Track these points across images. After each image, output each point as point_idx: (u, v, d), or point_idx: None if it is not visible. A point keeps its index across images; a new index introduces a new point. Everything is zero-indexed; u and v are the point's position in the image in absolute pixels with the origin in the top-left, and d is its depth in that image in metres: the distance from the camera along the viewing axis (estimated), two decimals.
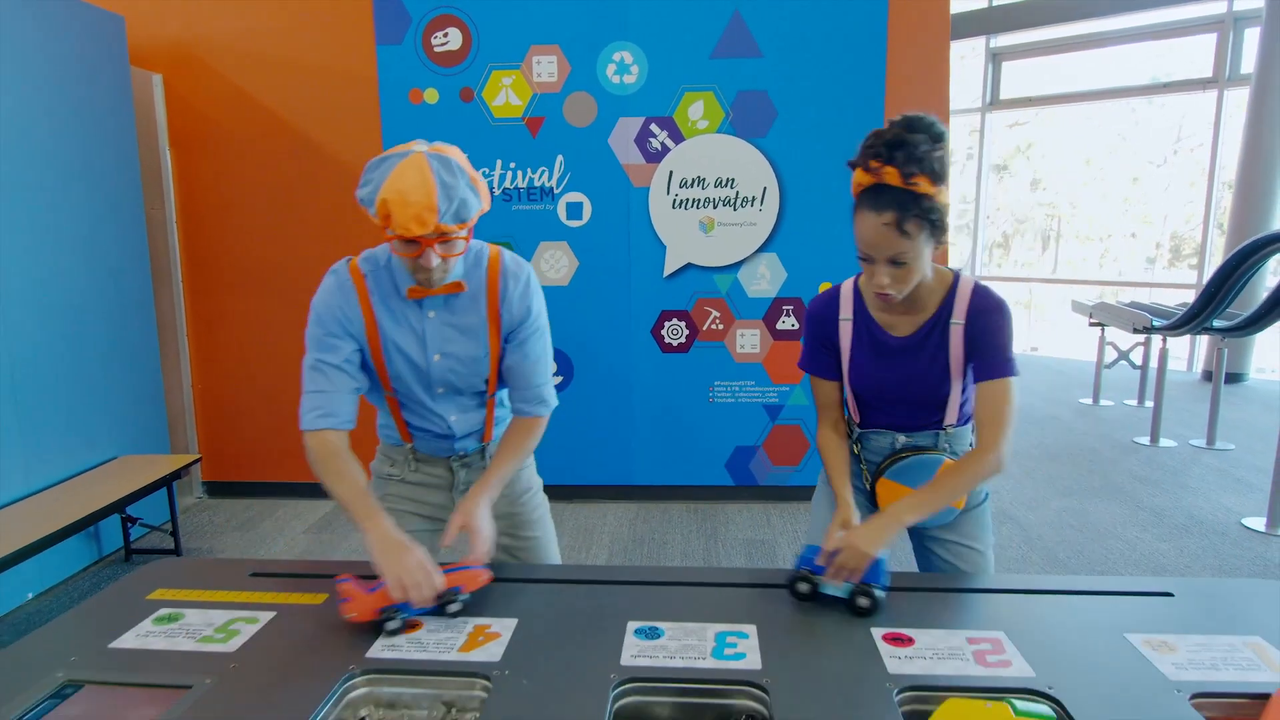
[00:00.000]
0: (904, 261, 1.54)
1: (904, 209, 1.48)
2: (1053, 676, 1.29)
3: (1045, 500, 4.49)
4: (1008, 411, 1.63)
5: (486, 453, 1.91)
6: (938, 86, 4.14)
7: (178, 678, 1.33)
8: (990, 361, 1.64)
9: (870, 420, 1.83)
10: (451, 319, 1.72)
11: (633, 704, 1.31)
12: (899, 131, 1.49)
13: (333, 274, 1.70)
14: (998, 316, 1.64)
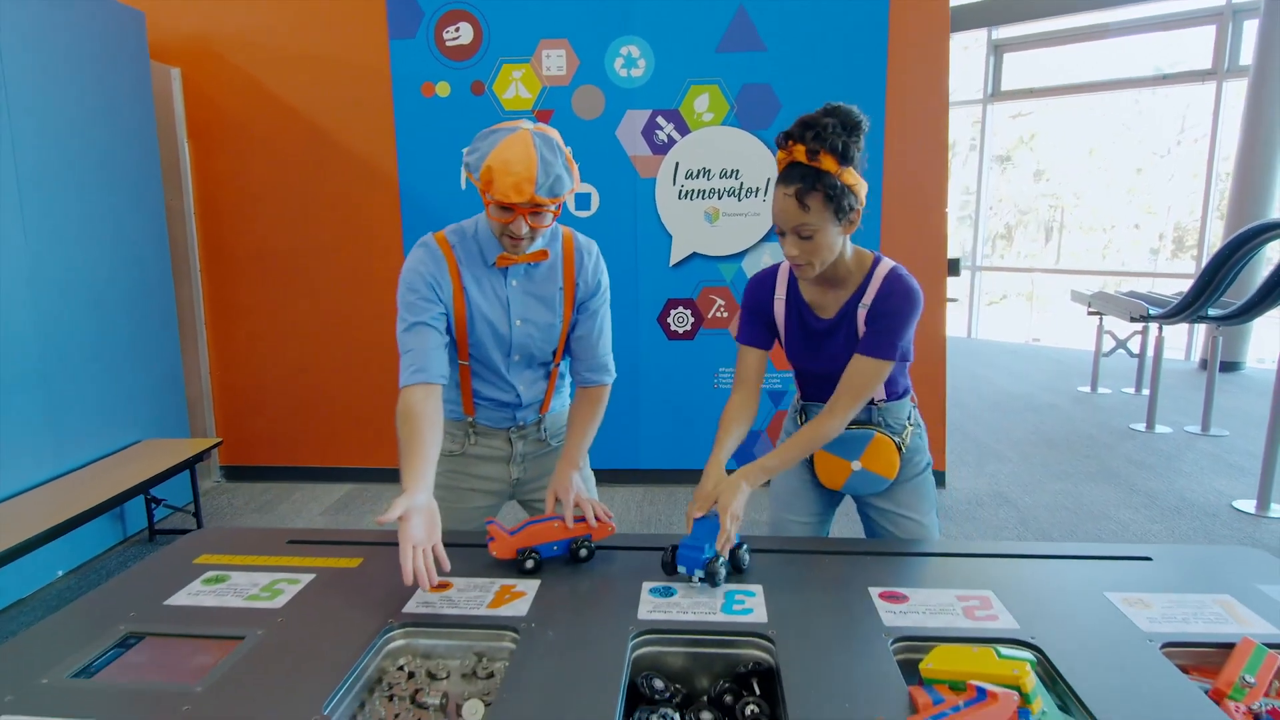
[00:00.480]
0: (809, 234, 1.64)
1: (807, 183, 1.59)
2: (1035, 628, 1.41)
3: (1041, 484, 4.60)
4: (865, 388, 1.76)
5: (543, 425, 2.04)
6: (937, 78, 4.23)
7: (230, 630, 1.45)
8: (873, 340, 1.74)
9: (809, 394, 1.96)
10: (531, 288, 1.85)
11: (650, 654, 1.42)
12: (816, 115, 1.61)
13: (422, 246, 1.81)
14: (902, 303, 1.72)
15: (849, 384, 1.76)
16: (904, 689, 1.23)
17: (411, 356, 1.75)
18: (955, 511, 4.19)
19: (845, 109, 1.62)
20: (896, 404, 1.92)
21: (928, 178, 4.30)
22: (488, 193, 1.63)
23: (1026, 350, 9.35)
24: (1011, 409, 6.41)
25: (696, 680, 1.43)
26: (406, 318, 1.77)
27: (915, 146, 4.25)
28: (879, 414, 1.90)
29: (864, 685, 1.25)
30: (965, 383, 7.34)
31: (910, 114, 4.22)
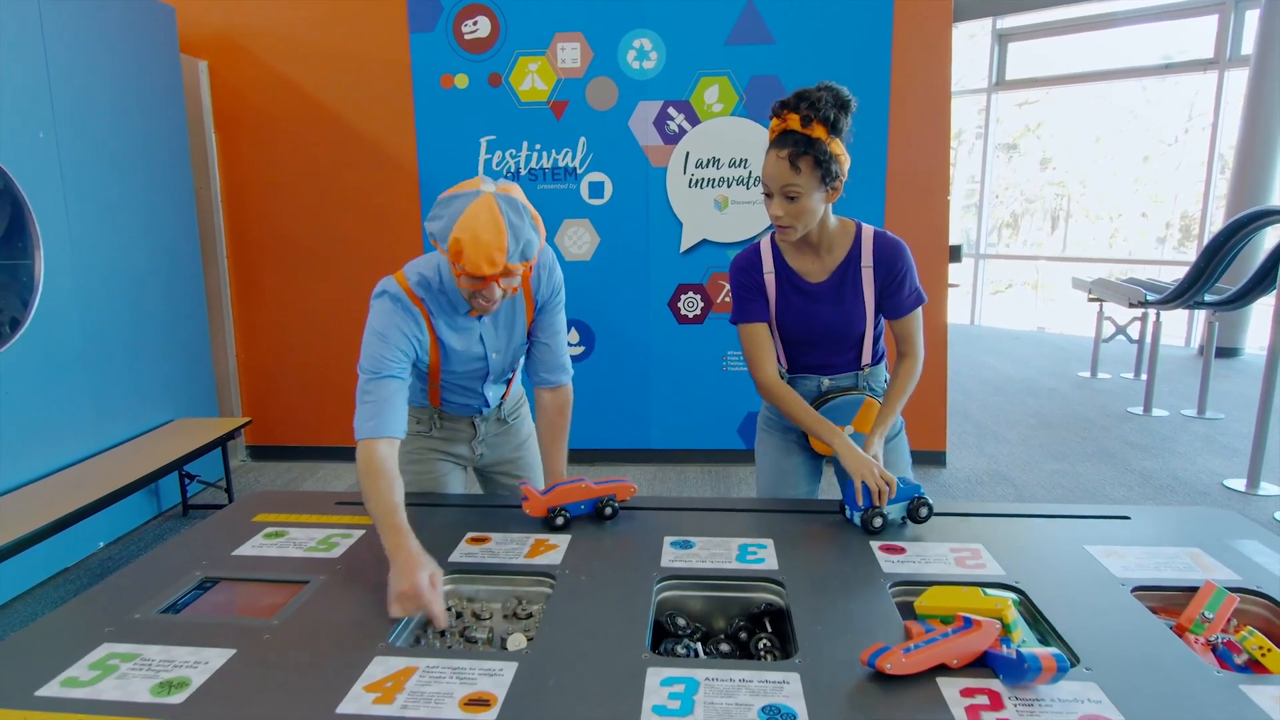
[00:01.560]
0: (795, 195, 1.77)
1: (799, 148, 1.73)
2: (1019, 574, 1.56)
3: (1039, 463, 4.75)
4: (920, 332, 1.98)
5: (503, 408, 2.15)
6: (940, 68, 4.36)
7: (295, 576, 1.61)
8: (902, 300, 1.93)
9: (798, 365, 2.06)
10: (502, 320, 1.93)
11: (672, 597, 1.58)
12: (811, 89, 1.75)
13: (392, 299, 1.77)
14: (900, 254, 1.91)
15: (910, 335, 1.97)
16: (900, 623, 1.39)
17: (374, 408, 1.69)
18: (955, 489, 4.34)
19: (837, 87, 1.77)
20: (878, 368, 2.08)
21: (931, 165, 4.43)
22: (458, 264, 1.59)
23: (1029, 337, 9.48)
24: (1012, 393, 6.56)
25: (714, 620, 1.59)
26: (370, 369, 1.72)
27: (919, 135, 4.39)
28: (864, 379, 2.04)
29: (865, 621, 1.41)
30: (968, 368, 7.49)
31: (914, 103, 4.35)
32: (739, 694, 1.19)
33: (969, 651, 1.25)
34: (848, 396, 2.02)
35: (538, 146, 4.49)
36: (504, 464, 2.22)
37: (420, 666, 1.27)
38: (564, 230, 4.59)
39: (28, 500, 3.11)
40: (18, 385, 3.22)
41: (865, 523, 1.76)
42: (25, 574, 3.28)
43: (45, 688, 1.23)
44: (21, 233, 3.28)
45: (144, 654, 1.32)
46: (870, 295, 1.94)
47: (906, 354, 1.99)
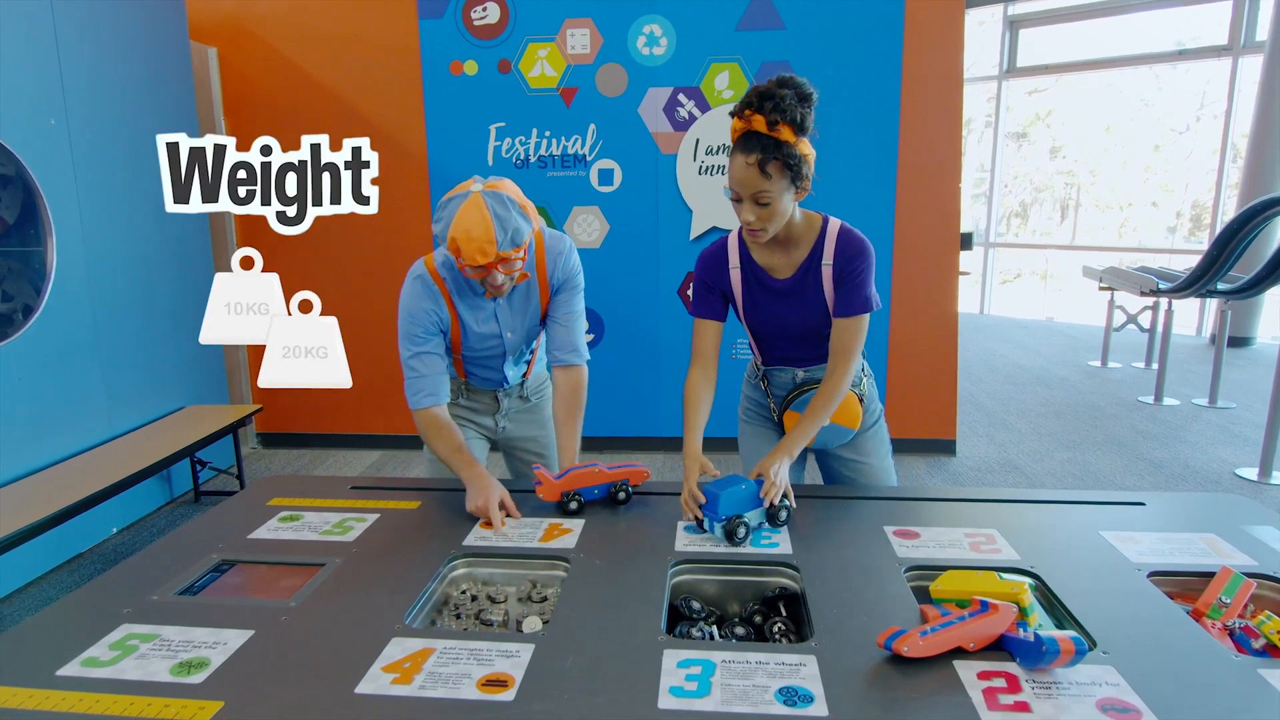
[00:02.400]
0: (767, 201, 1.72)
1: (767, 152, 1.67)
2: (1035, 559, 1.56)
3: (1050, 452, 4.74)
4: (857, 344, 1.88)
5: (526, 385, 2.27)
6: (952, 55, 4.33)
7: (311, 559, 1.62)
8: (848, 300, 1.85)
9: (771, 358, 2.05)
10: (517, 302, 2.05)
11: (687, 581, 1.59)
12: (772, 86, 1.68)
13: (418, 280, 1.98)
14: (859, 258, 1.84)
15: (841, 346, 1.86)
16: (916, 607, 1.39)
17: (421, 382, 1.96)
18: (965, 478, 4.33)
19: (797, 81, 1.70)
20: None
21: (942, 153, 4.41)
22: (458, 259, 1.81)
23: (1039, 326, 9.45)
24: (1022, 382, 6.54)
25: (728, 604, 1.59)
26: (410, 346, 1.97)
27: (930, 122, 4.36)
28: None
29: (880, 605, 1.41)
30: (978, 357, 7.46)
31: (925, 90, 4.32)
32: (756, 676, 1.19)
33: (986, 635, 1.25)
34: None
35: (547, 133, 4.48)
36: (525, 441, 2.32)
37: (437, 648, 1.28)
38: (573, 218, 4.58)
39: (41, 486, 3.13)
40: (30, 372, 3.23)
41: (729, 533, 1.64)
42: (39, 559, 3.30)
43: (66, 667, 1.24)
44: (33, 220, 3.29)
45: (163, 634, 1.33)
46: (830, 294, 1.88)
47: (835, 368, 1.86)
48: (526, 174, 4.53)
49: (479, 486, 1.81)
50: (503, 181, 1.86)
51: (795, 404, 2.02)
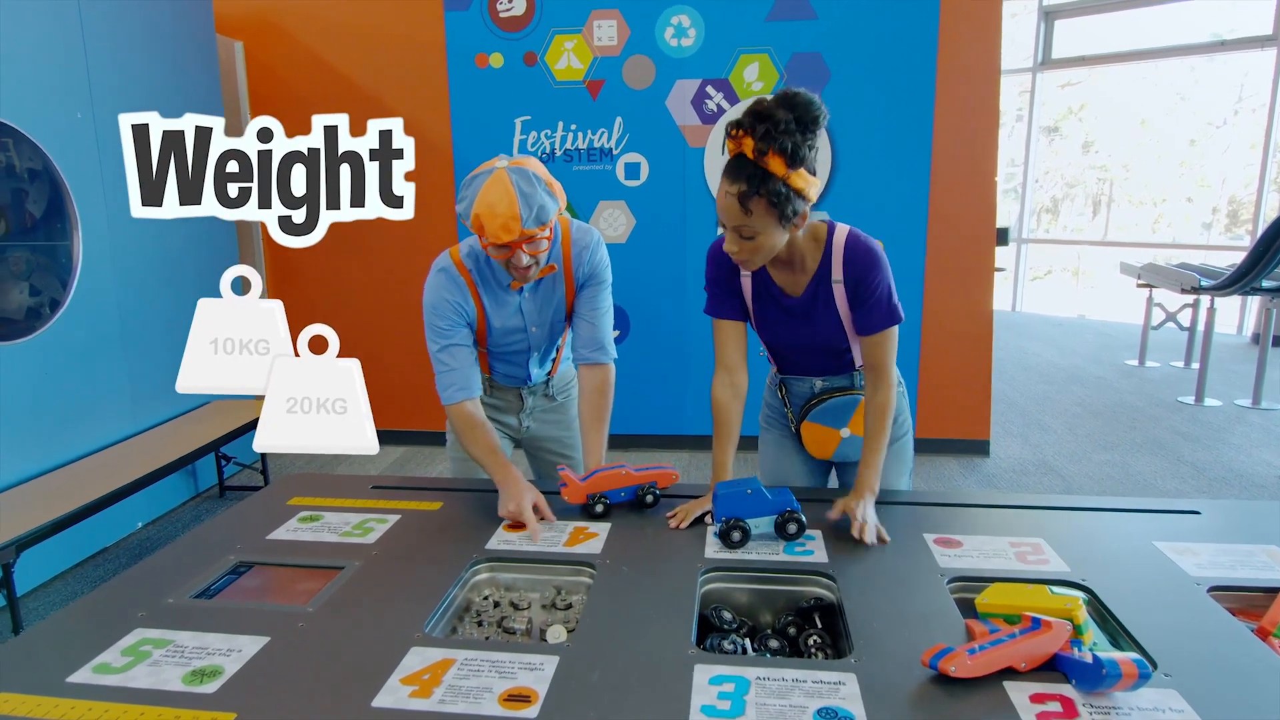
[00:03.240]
0: (750, 235, 1.57)
1: (751, 184, 1.50)
2: (1086, 572, 1.48)
3: (1087, 454, 4.61)
4: (890, 358, 1.76)
5: (550, 384, 2.20)
6: (989, 47, 4.21)
7: (330, 561, 1.58)
8: (871, 317, 1.72)
9: (787, 368, 1.95)
10: (542, 295, 1.98)
11: (717, 589, 1.52)
12: (771, 106, 1.49)
13: (442, 271, 1.91)
14: (872, 271, 1.69)
15: (874, 363, 1.75)
16: (960, 621, 1.32)
17: (452, 375, 1.90)
18: (1000, 479, 4.23)
19: (804, 100, 1.50)
20: None
21: (978, 147, 4.29)
22: (482, 237, 1.74)
23: (1073, 324, 9.25)
24: (1057, 381, 6.39)
25: (761, 615, 1.52)
26: (438, 340, 1.91)
27: (966, 115, 4.25)
28: (861, 377, 1.92)
29: (922, 618, 1.34)
30: (1010, 355, 7.32)
31: (961, 82, 4.21)
32: (793, 695, 1.13)
33: (1038, 654, 1.17)
34: (842, 397, 1.90)
35: (573, 127, 4.42)
36: (550, 441, 2.26)
37: (458, 659, 1.22)
38: (599, 212, 4.52)
39: (67, 480, 3.13)
40: (56, 366, 3.23)
41: (722, 535, 1.59)
42: (64, 554, 3.31)
43: (77, 674, 1.20)
44: (60, 214, 3.28)
45: (177, 640, 1.29)
46: (844, 309, 1.76)
47: (876, 384, 1.76)
48: (552, 168, 4.45)
49: (512, 490, 1.75)
50: (528, 159, 1.78)
51: (813, 414, 1.92)
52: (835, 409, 1.90)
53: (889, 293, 1.73)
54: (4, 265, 3.13)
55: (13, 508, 2.84)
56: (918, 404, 4.54)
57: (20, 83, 3.06)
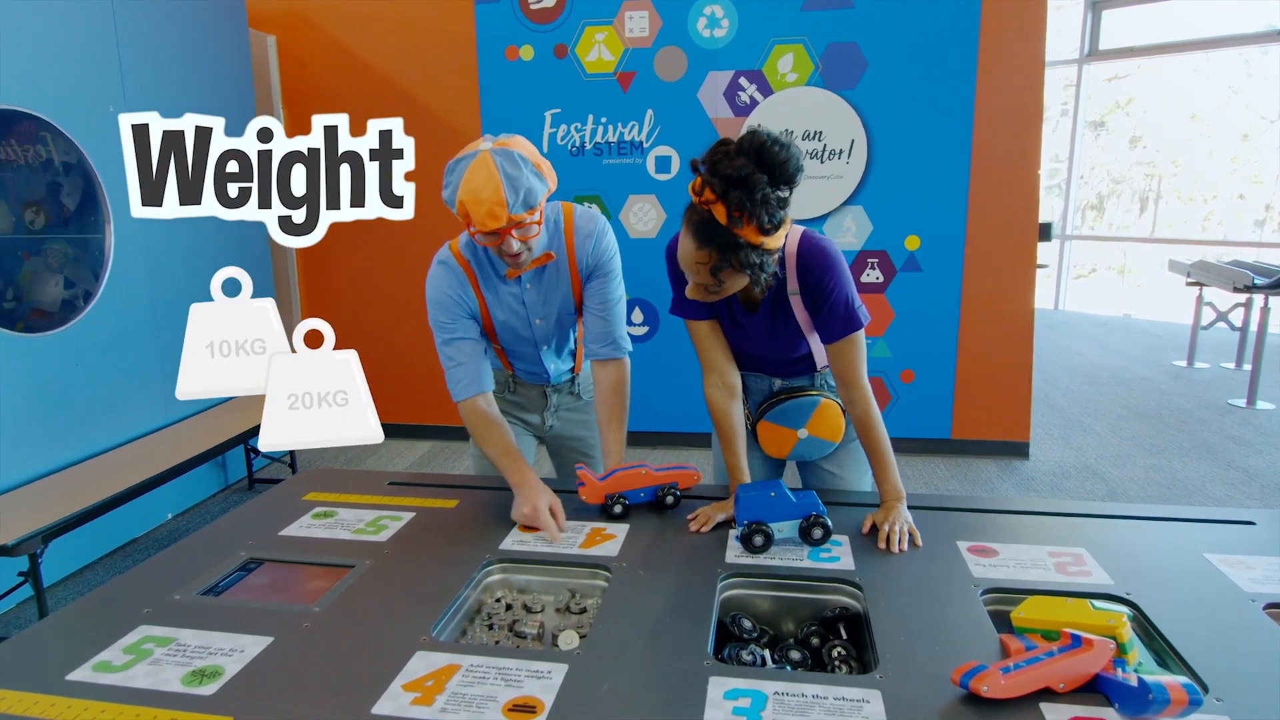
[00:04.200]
0: (716, 291, 1.54)
1: (723, 254, 1.44)
2: (1131, 585, 1.39)
3: (1132, 457, 4.45)
4: (860, 366, 1.67)
5: (575, 382, 2.13)
6: (1033, 37, 4.07)
7: (341, 559, 1.54)
8: (830, 324, 1.64)
9: (746, 366, 1.86)
10: (544, 286, 1.89)
11: (737, 596, 1.46)
12: (745, 164, 1.38)
13: (441, 264, 1.86)
14: (828, 276, 1.60)
15: (846, 369, 1.67)
16: (995, 636, 1.24)
17: (459, 371, 1.83)
18: (1040, 483, 4.09)
19: (783, 155, 1.39)
20: None
21: (1021, 140, 4.15)
22: (469, 225, 1.66)
23: (1117, 323, 9.00)
24: (1101, 382, 6.20)
25: (783, 623, 1.46)
26: (440, 334, 1.85)
27: (1008, 107, 4.12)
28: (822, 378, 1.86)
29: (953, 631, 1.26)
30: (1052, 355, 7.12)
31: (1003, 73, 4.08)
32: (812, 712, 1.06)
33: (1079, 674, 1.09)
34: (802, 398, 1.82)
35: (603, 120, 4.37)
36: (573, 440, 2.19)
37: (463, 665, 1.18)
38: (629, 206, 4.46)
39: (97, 471, 3.15)
40: (88, 357, 3.25)
41: (744, 539, 1.52)
42: (93, 544, 3.33)
43: (77, 671, 1.18)
44: (93, 207, 3.31)
45: (180, 639, 1.26)
46: (803, 317, 1.68)
47: (851, 397, 1.68)
48: (582, 161, 4.42)
49: (527, 493, 1.69)
50: (514, 138, 1.68)
51: (771, 414, 1.84)
52: (795, 409, 1.83)
53: (847, 297, 1.62)
54: (42, 258, 3.15)
55: (42, 497, 2.86)
56: (954, 404, 4.42)
57: (53, 76, 3.08)
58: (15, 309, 3.03)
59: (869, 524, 1.62)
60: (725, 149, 1.42)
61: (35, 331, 3.05)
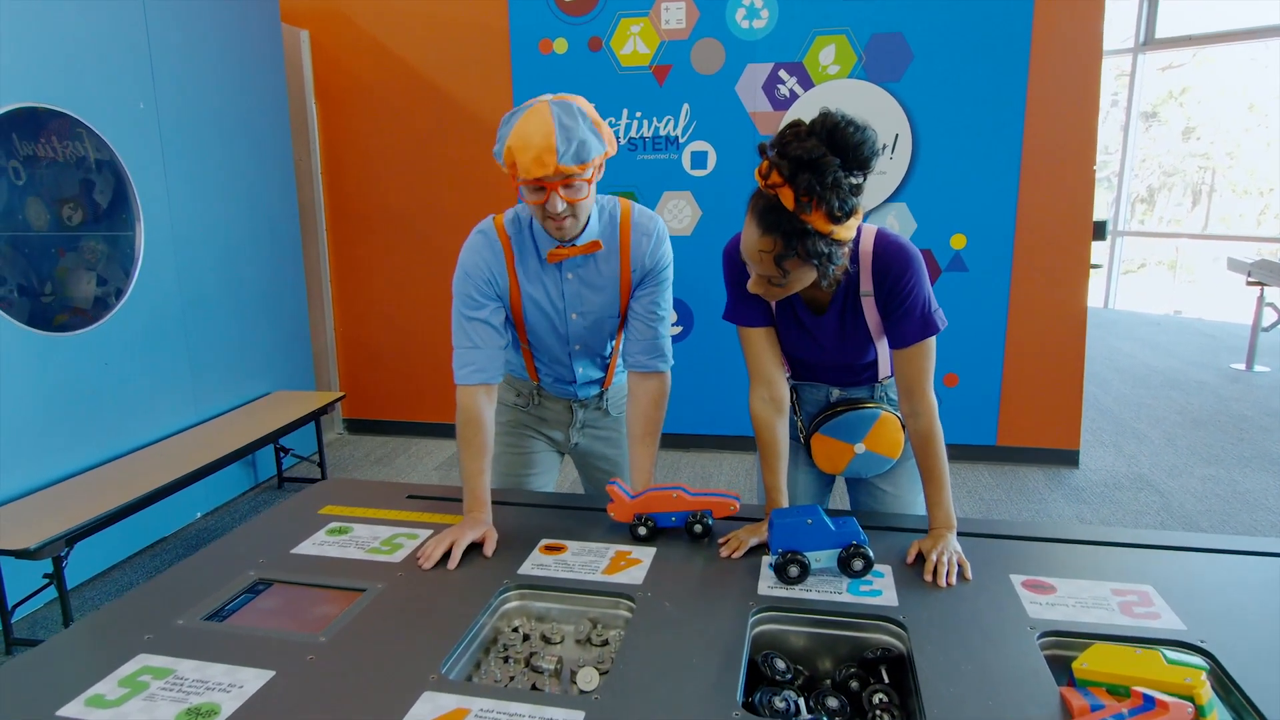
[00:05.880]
0: (780, 284, 1.44)
1: (788, 243, 1.35)
2: (1206, 631, 1.26)
3: (1188, 468, 4.25)
4: (928, 374, 1.56)
5: (604, 397, 2.00)
6: (1090, 24, 3.88)
7: (352, 581, 1.47)
8: (905, 328, 1.53)
9: (803, 374, 1.77)
10: (588, 279, 1.76)
11: (770, 632, 1.36)
12: (817, 146, 1.30)
13: (480, 233, 1.73)
14: (907, 276, 1.50)
15: (914, 378, 1.56)
16: (1054, 689, 1.12)
17: (472, 354, 1.71)
18: (1090, 494, 3.92)
19: (855, 139, 1.31)
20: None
21: (1075, 134, 3.97)
22: (516, 176, 1.55)
23: (1170, 322, 8.68)
24: (1154, 385, 5.96)
25: (819, 662, 1.35)
26: (464, 310, 1.72)
27: (1062, 99, 3.93)
28: (882, 390, 1.73)
29: (1007, 682, 1.15)
30: (1102, 355, 6.88)
31: (1058, 63, 3.90)
32: None
33: None
34: (860, 411, 1.70)
35: (638, 114, 4.27)
36: (598, 459, 2.07)
37: (473, 709, 1.09)
38: (664, 203, 4.35)
39: (127, 469, 3.13)
40: (118, 356, 3.24)
41: (778, 569, 1.41)
42: (122, 543, 3.32)
43: (69, 706, 1.12)
44: (124, 204, 3.29)
45: (178, 670, 1.20)
46: (874, 322, 1.58)
47: (914, 408, 1.56)
48: (616, 157, 4.32)
49: (467, 523, 1.61)
50: (577, 96, 1.59)
51: (826, 427, 1.73)
52: (852, 422, 1.71)
53: (925, 299, 1.53)
54: (78, 254, 3.14)
55: (70, 497, 2.85)
56: (999, 409, 4.26)
57: (83, 73, 3.06)
58: (51, 304, 3.02)
59: (914, 552, 1.51)
60: (796, 130, 1.34)
61: (66, 330, 3.03)
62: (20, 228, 2.91)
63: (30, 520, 2.65)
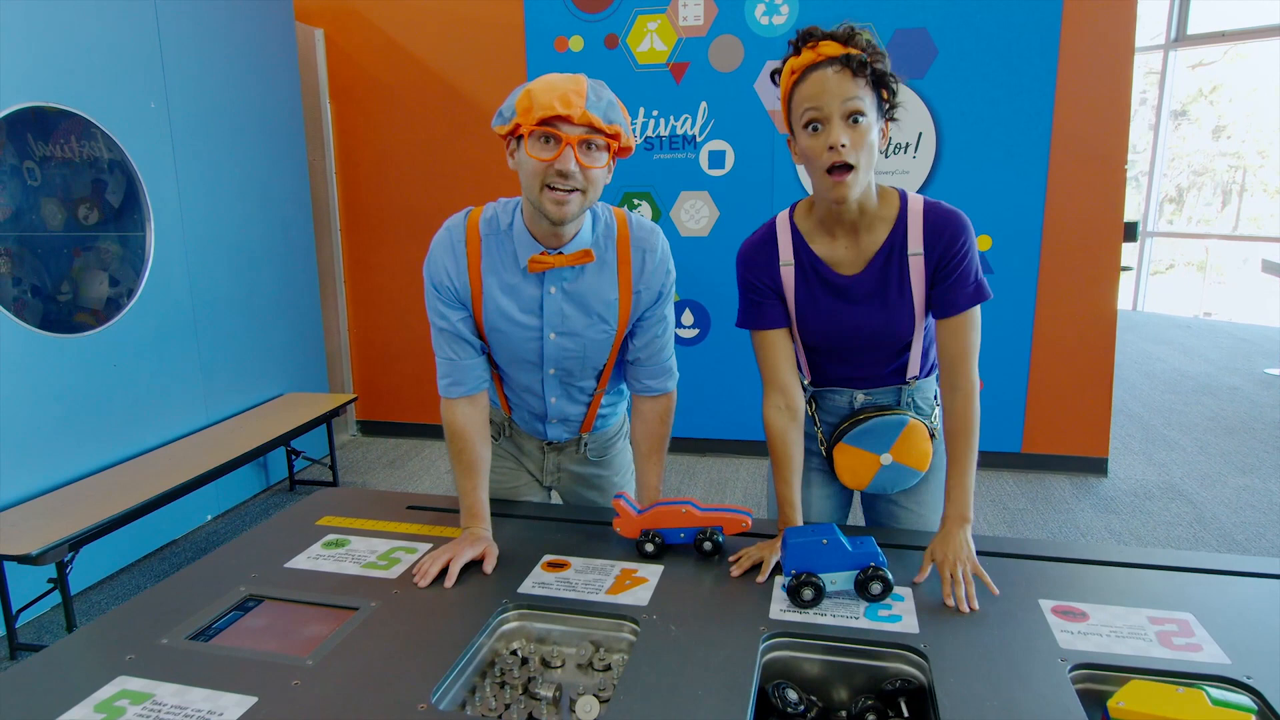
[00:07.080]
0: (860, 115, 1.34)
1: (860, 61, 1.34)
2: (1252, 665, 1.17)
3: (1222, 477, 4.12)
4: (974, 348, 1.50)
5: (583, 443, 1.81)
6: (1123, 20, 3.76)
7: (346, 599, 1.41)
8: (957, 292, 1.47)
9: (824, 376, 1.65)
10: (574, 294, 1.55)
11: (782, 659, 1.28)
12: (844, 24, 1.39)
13: (446, 230, 1.55)
14: (962, 237, 1.45)
15: (956, 354, 1.48)
16: None
17: (449, 366, 1.60)
18: (1120, 504, 3.80)
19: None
20: (928, 381, 1.64)
21: (1106, 133, 3.85)
22: (525, 121, 1.35)
23: (1201, 325, 8.48)
24: (1185, 390, 5.81)
25: (834, 693, 1.27)
26: (435, 320, 1.58)
27: (1092, 97, 3.81)
28: (909, 394, 1.62)
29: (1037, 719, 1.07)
30: (1131, 360, 6.72)
31: (1088, 60, 3.78)
32: None
33: None
34: (886, 418, 1.59)
35: (655, 113, 4.19)
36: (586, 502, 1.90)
37: None
38: (680, 203, 4.28)
39: (137, 472, 3.11)
40: (128, 357, 3.21)
41: (791, 591, 1.34)
42: (131, 546, 3.30)
43: None
44: (135, 205, 3.26)
45: (157, 694, 1.14)
46: (920, 290, 1.49)
47: (955, 383, 1.49)
48: (632, 156, 4.25)
49: (466, 539, 1.54)
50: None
51: (850, 435, 1.62)
52: (878, 430, 1.60)
53: (974, 263, 1.48)
54: (92, 254, 3.12)
55: (78, 501, 2.82)
56: (1025, 415, 4.14)
57: (94, 73, 3.03)
58: (67, 304, 3.00)
59: (928, 563, 1.43)
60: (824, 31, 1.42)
61: (76, 332, 3.01)
62: (35, 228, 2.89)
63: (35, 524, 2.63)
